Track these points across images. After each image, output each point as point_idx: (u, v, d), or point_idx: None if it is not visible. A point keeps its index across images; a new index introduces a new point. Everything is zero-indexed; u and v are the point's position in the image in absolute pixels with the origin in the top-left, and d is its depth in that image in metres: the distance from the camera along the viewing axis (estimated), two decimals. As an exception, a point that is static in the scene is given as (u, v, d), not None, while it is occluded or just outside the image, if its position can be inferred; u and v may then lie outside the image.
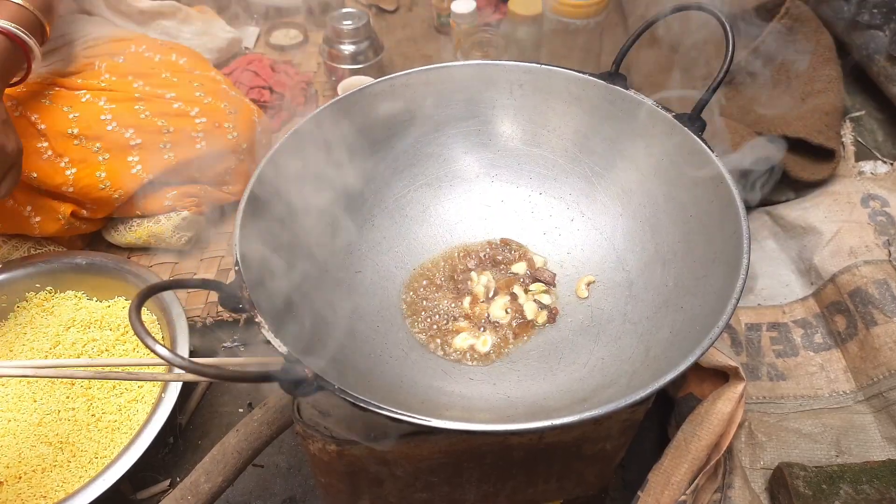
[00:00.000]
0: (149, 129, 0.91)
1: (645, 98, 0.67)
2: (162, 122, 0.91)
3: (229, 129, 0.96)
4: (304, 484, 0.78)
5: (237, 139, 0.96)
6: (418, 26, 1.41)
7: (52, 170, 0.86)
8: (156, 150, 0.91)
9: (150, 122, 0.91)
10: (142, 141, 0.90)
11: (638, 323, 0.63)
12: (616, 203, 0.71)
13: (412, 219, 0.74)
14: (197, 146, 0.93)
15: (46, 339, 0.83)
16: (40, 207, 0.89)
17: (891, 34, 1.07)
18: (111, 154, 0.89)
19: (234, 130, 0.96)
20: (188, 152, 0.93)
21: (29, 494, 0.71)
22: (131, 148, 0.90)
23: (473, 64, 0.73)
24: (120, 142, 0.89)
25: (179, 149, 0.92)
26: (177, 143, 0.92)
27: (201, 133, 0.93)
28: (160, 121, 0.91)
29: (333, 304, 0.65)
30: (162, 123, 0.91)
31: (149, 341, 0.41)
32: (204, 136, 0.94)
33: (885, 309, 0.80)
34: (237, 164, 0.97)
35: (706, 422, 0.69)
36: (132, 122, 0.90)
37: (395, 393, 0.58)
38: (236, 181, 0.99)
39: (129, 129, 0.89)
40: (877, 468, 0.68)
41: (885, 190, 0.94)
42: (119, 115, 0.89)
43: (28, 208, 0.88)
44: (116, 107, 0.90)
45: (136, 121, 0.90)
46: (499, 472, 0.61)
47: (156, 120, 0.91)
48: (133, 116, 0.90)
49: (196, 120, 0.93)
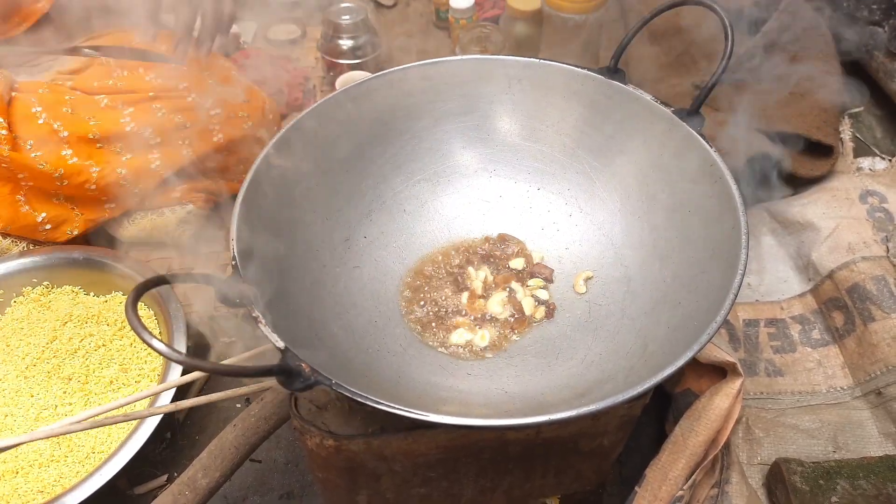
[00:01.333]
0: (167, 127, 0.91)
1: (643, 93, 0.67)
2: (179, 119, 0.91)
3: (244, 119, 0.96)
4: (302, 479, 0.78)
5: (253, 128, 0.96)
6: (417, 21, 1.41)
7: (77, 169, 0.86)
8: (174, 147, 0.91)
9: (167, 120, 0.91)
10: (161, 140, 0.91)
11: (636, 318, 0.63)
12: (614, 198, 0.71)
13: (410, 214, 0.74)
14: (214, 139, 0.93)
15: (43, 335, 0.83)
16: (54, 217, 0.89)
17: (890, 30, 1.07)
18: (133, 154, 0.90)
19: (249, 120, 0.96)
20: (206, 146, 0.93)
21: (26, 489, 0.71)
22: (151, 147, 0.90)
23: (471, 59, 0.72)
24: (140, 142, 0.90)
25: (197, 143, 0.93)
26: (194, 137, 0.92)
27: (217, 125, 0.93)
28: (177, 117, 0.91)
29: (331, 299, 0.64)
30: (179, 120, 0.91)
31: (145, 336, 0.41)
32: (220, 129, 0.94)
33: (883, 305, 0.80)
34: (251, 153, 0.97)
35: (704, 417, 0.69)
36: (150, 121, 0.90)
37: (393, 388, 0.58)
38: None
39: (147, 129, 0.90)
40: (874, 464, 0.68)
41: (884, 186, 0.93)
42: (137, 117, 0.90)
43: (42, 215, 0.88)
44: (134, 109, 0.90)
45: (153, 119, 0.90)
46: (496, 468, 0.61)
47: (173, 117, 0.91)
48: (151, 116, 0.90)
49: (211, 112, 0.93)
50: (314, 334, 0.58)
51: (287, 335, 0.49)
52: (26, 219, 0.88)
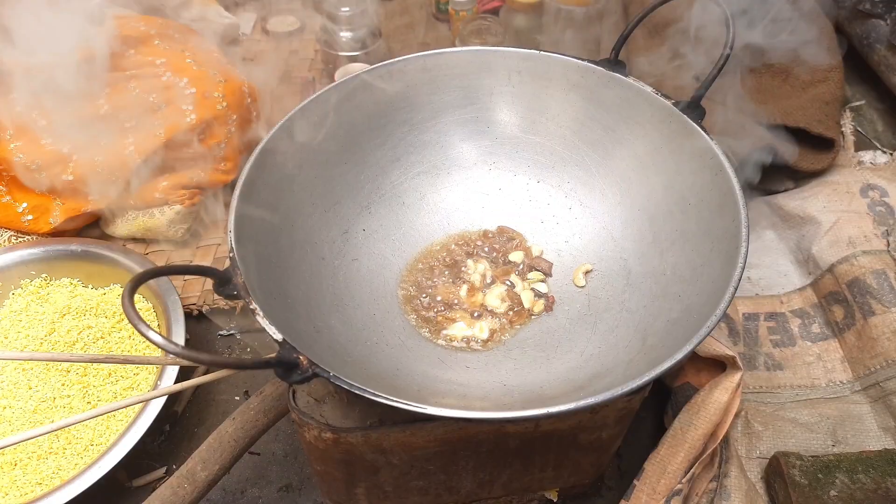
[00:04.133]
0: (141, 108, 0.89)
1: (644, 85, 0.66)
2: (153, 98, 0.90)
3: (218, 99, 0.93)
4: (301, 472, 0.78)
5: (226, 109, 0.94)
6: (417, 13, 1.40)
7: (55, 158, 0.86)
8: (148, 130, 0.90)
9: (141, 100, 0.89)
10: (136, 123, 0.89)
11: (635, 311, 0.63)
12: (614, 191, 0.71)
13: (409, 206, 0.74)
14: (186, 119, 0.91)
15: (41, 327, 0.83)
16: (35, 207, 0.89)
17: (892, 23, 1.06)
18: (110, 139, 0.88)
19: (224, 101, 0.94)
20: (178, 126, 0.91)
21: (24, 482, 0.71)
22: (126, 130, 0.89)
23: (471, 50, 0.72)
24: (115, 125, 0.88)
25: (169, 123, 0.90)
26: (167, 118, 0.90)
27: (191, 106, 0.91)
28: (151, 96, 0.90)
29: (330, 292, 0.64)
30: (153, 100, 0.90)
31: (142, 327, 0.40)
32: (193, 109, 0.91)
33: (883, 299, 0.80)
34: (227, 136, 0.95)
35: (703, 411, 0.69)
36: (125, 102, 0.89)
37: (391, 380, 0.58)
38: (230, 156, 0.97)
39: (122, 111, 0.89)
40: (872, 458, 0.68)
41: (885, 180, 0.93)
42: (113, 98, 0.88)
43: (23, 205, 0.88)
44: (110, 90, 0.89)
45: (128, 101, 0.89)
46: (495, 461, 0.61)
47: (147, 97, 0.90)
48: (126, 96, 0.89)
49: (186, 91, 0.91)
50: (312, 327, 0.58)
51: (285, 327, 0.48)
52: (7, 209, 0.88)
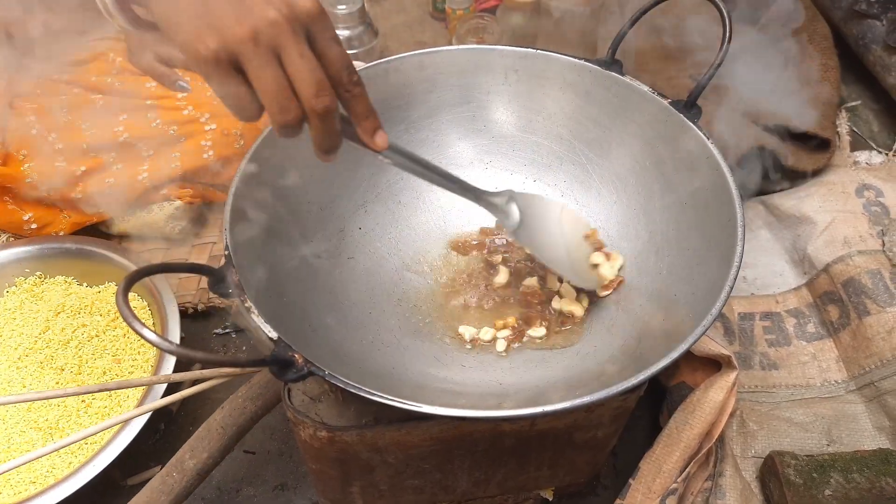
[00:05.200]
0: (160, 140, 0.89)
1: (641, 84, 0.66)
2: (173, 131, 0.90)
3: (237, 137, 0.93)
4: (296, 470, 0.78)
5: (244, 148, 0.94)
6: (414, 12, 1.40)
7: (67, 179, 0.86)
8: (164, 160, 0.90)
9: (161, 132, 0.89)
10: (153, 153, 0.89)
11: (631, 311, 0.63)
12: (610, 190, 0.71)
13: (405, 205, 0.74)
14: (204, 156, 0.91)
15: (36, 325, 0.82)
16: (41, 217, 0.89)
17: (888, 24, 1.06)
18: (124, 164, 0.89)
19: (242, 139, 0.94)
20: (195, 161, 0.91)
21: (18, 480, 0.71)
22: (143, 159, 0.89)
23: (468, 49, 0.72)
24: (132, 153, 0.89)
25: (187, 158, 0.91)
26: (185, 152, 0.91)
27: (209, 142, 0.91)
28: (171, 129, 0.90)
29: (325, 290, 0.64)
30: (173, 132, 0.90)
31: (136, 325, 0.40)
32: (212, 146, 0.91)
33: (879, 299, 0.80)
34: None
35: (698, 410, 0.69)
36: (144, 130, 0.89)
37: (387, 379, 0.58)
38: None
39: (140, 140, 0.89)
40: (867, 457, 0.68)
41: (880, 180, 0.93)
42: (131, 126, 0.89)
43: (28, 215, 0.88)
44: (128, 116, 0.89)
45: (147, 131, 0.89)
46: (490, 460, 0.61)
47: (167, 129, 0.90)
48: (145, 125, 0.89)
49: (206, 127, 0.91)
50: (308, 325, 0.58)
51: (280, 326, 0.48)
52: (12, 216, 0.88)
